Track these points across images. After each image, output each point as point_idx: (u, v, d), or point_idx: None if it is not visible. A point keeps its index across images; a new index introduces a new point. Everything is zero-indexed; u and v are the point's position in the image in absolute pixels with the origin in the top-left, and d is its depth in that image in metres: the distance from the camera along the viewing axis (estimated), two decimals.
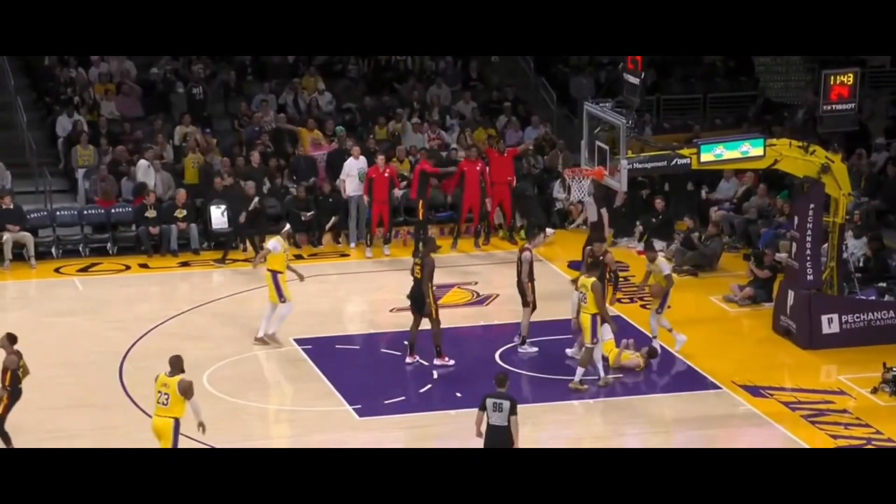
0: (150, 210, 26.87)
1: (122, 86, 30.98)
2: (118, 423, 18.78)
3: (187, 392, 15.99)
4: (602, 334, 20.12)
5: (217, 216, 27.15)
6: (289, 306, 21.58)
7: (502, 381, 16.20)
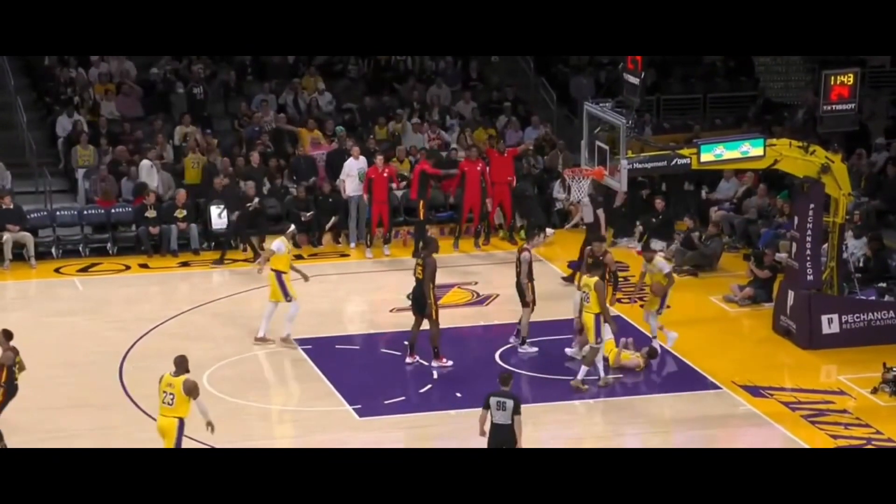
0: (150, 210, 26.86)
1: (122, 86, 30.97)
2: (118, 423, 18.78)
3: (192, 392, 15.99)
4: (603, 334, 20.13)
5: (215, 216, 27.15)
6: (295, 305, 21.58)
7: (506, 380, 16.23)
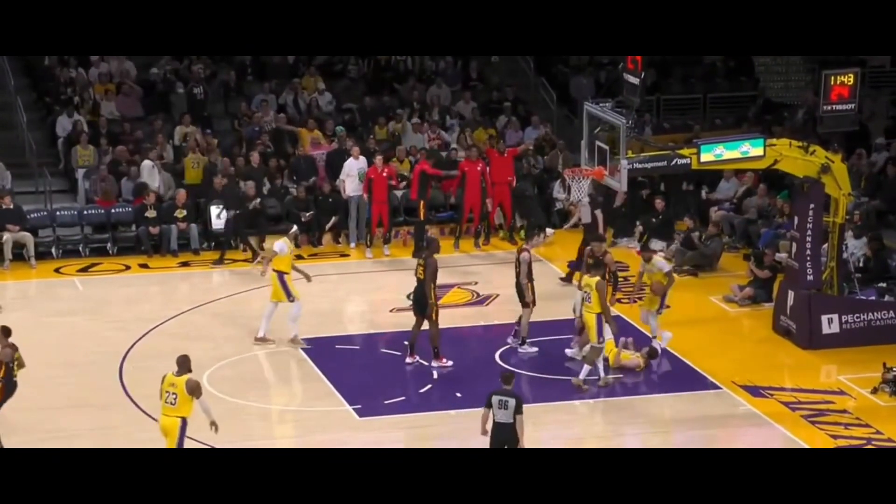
0: (150, 210, 26.86)
1: (122, 86, 30.97)
2: (118, 423, 18.78)
3: (195, 391, 16.03)
4: (605, 333, 20.12)
5: (215, 216, 27.15)
6: (297, 305, 21.58)
7: (508, 379, 16.26)
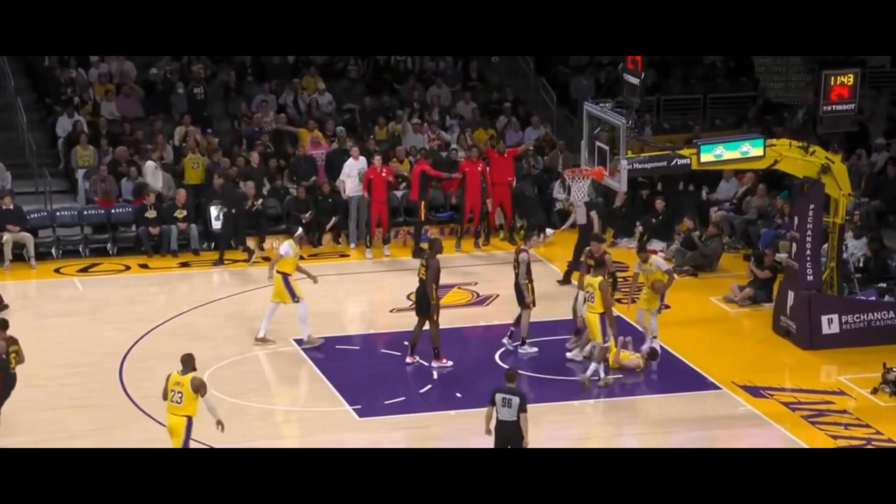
0: (150, 210, 26.85)
1: (123, 86, 30.96)
2: (118, 424, 18.78)
3: (200, 389, 16.10)
4: (608, 333, 20.14)
5: (213, 217, 27.14)
6: (304, 305, 21.60)
7: (512, 377, 16.30)
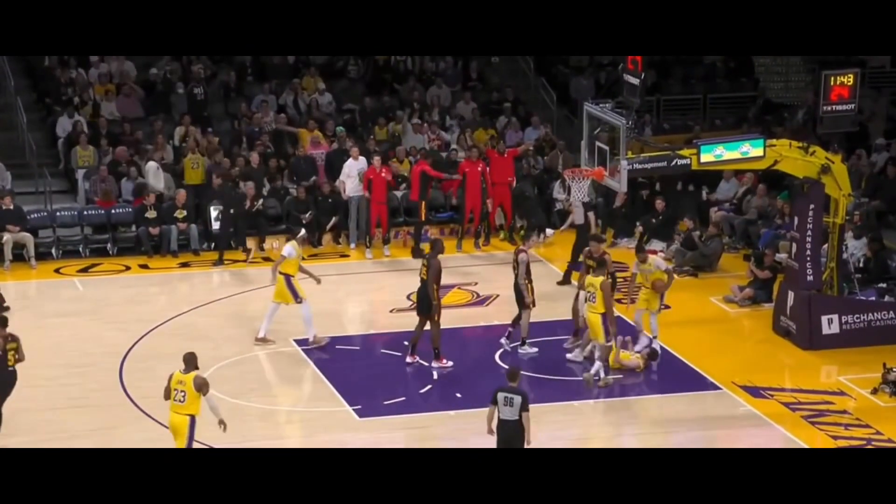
0: (150, 211, 26.85)
1: (123, 86, 30.96)
2: (118, 424, 18.77)
3: (202, 388, 16.13)
4: (610, 332, 20.14)
5: (213, 217, 27.14)
6: (307, 306, 21.61)
7: (514, 376, 16.29)
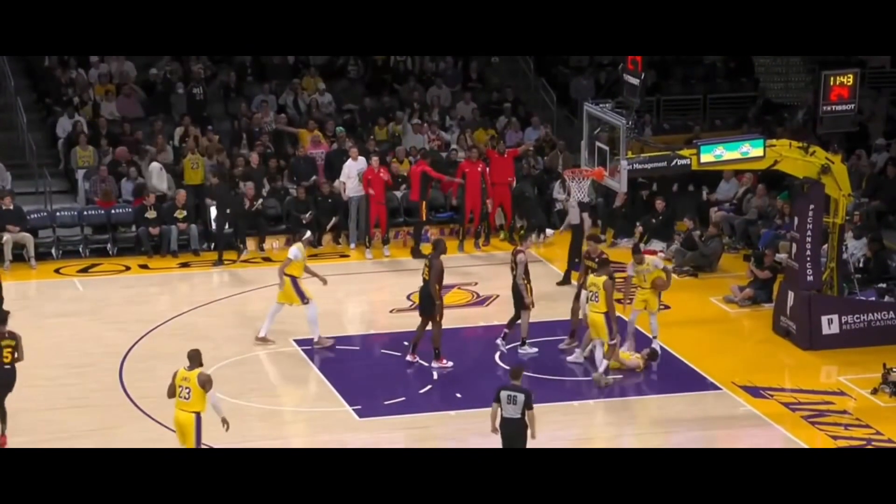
0: (150, 211, 26.85)
1: (123, 87, 30.95)
2: (118, 424, 18.78)
3: (206, 385, 16.18)
4: (614, 331, 20.14)
5: (213, 217, 27.16)
6: (313, 306, 21.61)
7: (517, 374, 16.31)
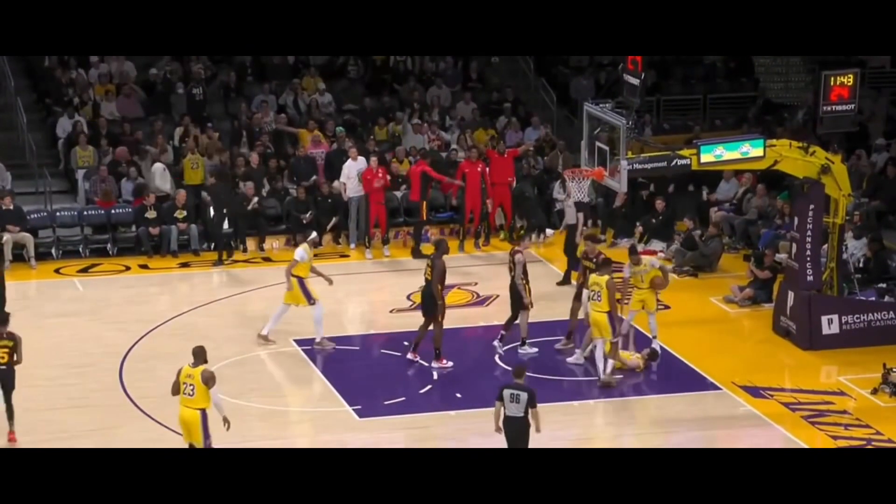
0: (150, 211, 26.85)
1: (123, 87, 30.95)
2: (118, 424, 18.78)
3: (209, 381, 16.25)
4: (618, 329, 20.14)
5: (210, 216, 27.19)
6: (319, 307, 21.62)
7: (520, 373, 16.32)
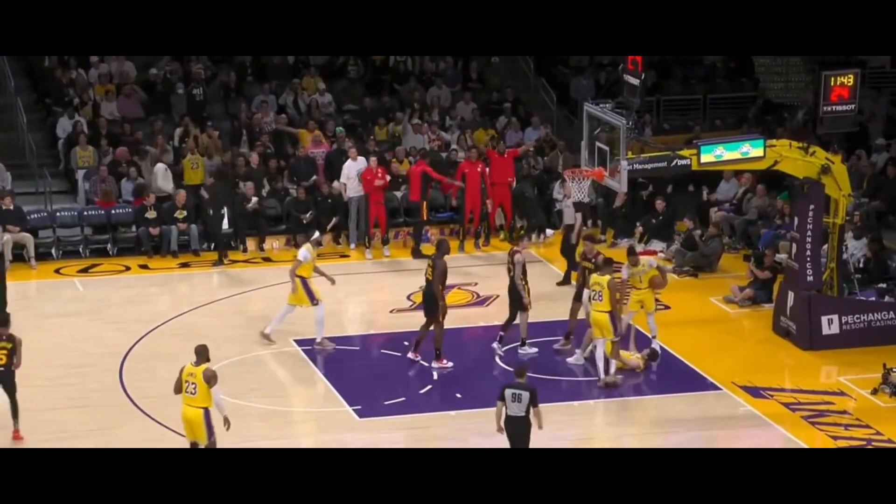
0: (150, 211, 26.85)
1: (123, 87, 30.95)
2: (118, 424, 18.78)
3: (211, 380, 16.27)
4: (620, 329, 20.14)
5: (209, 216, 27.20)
6: (322, 307, 21.62)
7: (521, 372, 16.35)
